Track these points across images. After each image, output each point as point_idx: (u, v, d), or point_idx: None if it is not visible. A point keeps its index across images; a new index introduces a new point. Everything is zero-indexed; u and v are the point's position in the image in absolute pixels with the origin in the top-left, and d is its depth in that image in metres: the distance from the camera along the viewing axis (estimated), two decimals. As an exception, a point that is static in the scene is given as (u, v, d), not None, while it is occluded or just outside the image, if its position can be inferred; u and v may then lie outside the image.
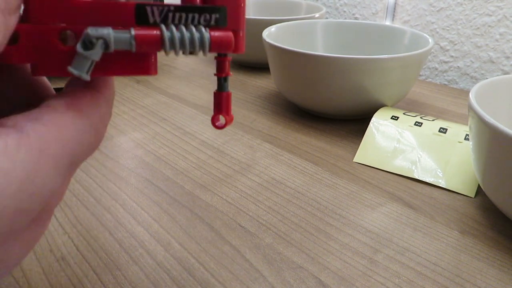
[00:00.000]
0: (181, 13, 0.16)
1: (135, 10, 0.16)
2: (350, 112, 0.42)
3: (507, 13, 0.55)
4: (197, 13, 0.17)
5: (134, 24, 0.16)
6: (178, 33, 0.16)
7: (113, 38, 0.15)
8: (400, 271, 0.24)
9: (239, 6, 0.17)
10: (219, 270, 0.24)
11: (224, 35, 0.17)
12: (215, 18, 0.17)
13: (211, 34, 0.17)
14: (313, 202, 0.30)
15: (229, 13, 0.17)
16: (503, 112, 0.32)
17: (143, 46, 0.16)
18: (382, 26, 0.51)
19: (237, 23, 0.18)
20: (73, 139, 0.13)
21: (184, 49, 0.16)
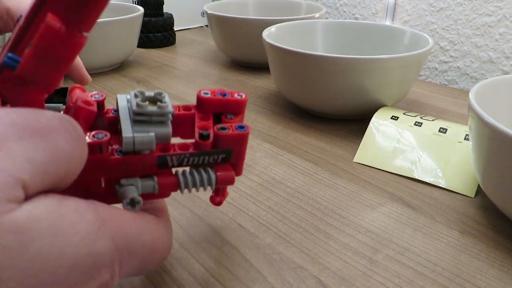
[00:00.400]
0: (195, 157, 0.20)
1: (157, 159, 0.20)
2: (350, 112, 0.42)
3: (507, 13, 0.55)
4: (208, 156, 0.21)
5: (155, 168, 0.20)
6: (191, 177, 0.20)
7: (140, 187, 0.20)
8: (400, 271, 0.24)
9: (243, 148, 0.21)
10: (219, 270, 0.24)
11: (228, 175, 0.21)
12: (222, 158, 0.21)
13: (217, 174, 0.21)
14: (313, 202, 0.30)
15: (234, 151, 0.21)
16: (503, 112, 0.32)
17: (164, 190, 0.20)
18: (382, 26, 0.51)
19: (239, 159, 0.22)
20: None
21: (195, 187, 0.21)
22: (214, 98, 0.22)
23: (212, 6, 0.67)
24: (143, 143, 0.19)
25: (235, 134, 0.20)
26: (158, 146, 0.20)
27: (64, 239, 0.13)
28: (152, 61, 0.66)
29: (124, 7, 0.65)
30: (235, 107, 0.22)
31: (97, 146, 0.18)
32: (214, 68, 0.63)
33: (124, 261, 0.16)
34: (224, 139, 0.20)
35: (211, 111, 0.22)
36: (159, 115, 0.20)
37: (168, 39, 0.75)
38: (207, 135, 0.20)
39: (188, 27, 0.91)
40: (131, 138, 0.19)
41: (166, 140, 0.20)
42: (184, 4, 0.87)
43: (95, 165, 0.19)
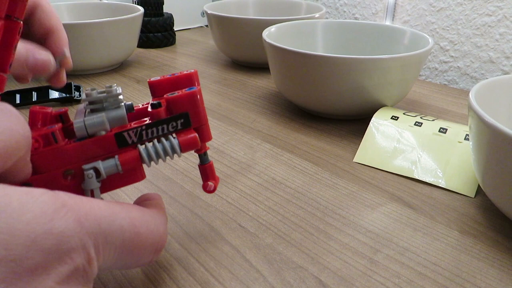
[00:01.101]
0: (152, 128, 0.20)
1: (115, 138, 0.20)
2: (350, 112, 0.42)
3: (507, 13, 0.55)
4: (165, 124, 0.20)
5: (117, 149, 0.20)
6: (153, 147, 0.20)
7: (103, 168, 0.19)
8: (400, 271, 0.24)
9: (198, 107, 0.21)
10: (219, 270, 0.24)
11: (190, 138, 0.20)
12: (181, 123, 0.21)
13: (179, 139, 0.20)
14: (313, 202, 0.30)
15: (191, 115, 0.20)
16: (503, 112, 0.32)
17: (127, 166, 0.20)
18: (382, 26, 0.51)
19: (199, 120, 0.21)
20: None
21: (161, 158, 0.20)
22: (162, 79, 0.22)
23: (212, 6, 0.67)
24: (95, 125, 0.19)
25: (185, 94, 0.20)
26: (116, 128, 0.20)
27: (10, 215, 0.13)
28: (152, 61, 0.66)
29: (124, 7, 0.65)
30: (185, 82, 0.22)
31: (50, 135, 0.19)
32: (214, 68, 0.63)
33: (101, 246, 0.16)
34: (175, 102, 0.20)
35: (164, 93, 0.22)
36: (107, 100, 0.20)
37: (168, 39, 0.75)
38: (158, 103, 0.20)
39: (188, 27, 0.91)
40: (81, 122, 0.19)
41: (122, 122, 0.20)
42: (184, 4, 0.87)
43: (54, 156, 0.19)
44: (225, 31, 0.60)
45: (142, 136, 0.20)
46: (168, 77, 0.22)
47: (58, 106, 0.47)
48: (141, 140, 0.20)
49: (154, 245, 0.19)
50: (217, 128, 0.42)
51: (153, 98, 0.22)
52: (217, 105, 0.48)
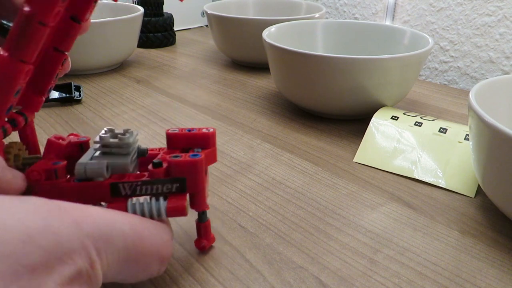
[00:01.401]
0: (147, 185, 0.20)
1: (110, 187, 0.20)
2: (350, 112, 0.42)
3: (507, 13, 0.55)
4: (161, 185, 0.21)
5: (110, 197, 0.20)
6: (140, 206, 0.20)
7: None
8: (400, 271, 0.24)
9: (197, 176, 0.21)
10: (219, 270, 0.24)
11: (178, 205, 0.20)
12: (176, 187, 0.21)
13: (168, 204, 0.20)
14: (313, 202, 0.30)
15: (189, 180, 0.21)
16: (503, 112, 0.32)
17: None
18: (382, 26, 0.51)
19: (196, 188, 0.21)
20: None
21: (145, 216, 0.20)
22: (180, 133, 0.23)
23: (212, 6, 0.67)
24: (93, 171, 0.20)
25: (186, 161, 0.20)
26: (115, 176, 0.21)
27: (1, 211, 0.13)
28: (152, 61, 0.66)
29: (124, 7, 0.65)
30: (202, 141, 0.23)
31: (52, 171, 0.20)
32: (214, 68, 0.63)
33: (102, 249, 0.16)
34: (175, 166, 0.20)
35: (179, 146, 0.23)
36: (117, 146, 0.21)
37: (168, 39, 0.75)
38: (159, 162, 0.21)
39: (188, 27, 0.91)
40: (83, 165, 0.20)
41: (124, 171, 0.21)
42: (184, 4, 0.87)
43: (50, 190, 0.20)
44: (225, 31, 0.60)
45: (136, 191, 0.21)
46: (186, 132, 0.23)
47: (58, 107, 0.47)
48: (134, 194, 0.21)
49: (160, 253, 0.19)
50: (217, 128, 0.42)
51: (167, 149, 0.23)
52: (217, 105, 0.48)
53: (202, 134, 0.23)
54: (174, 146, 0.23)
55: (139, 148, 0.23)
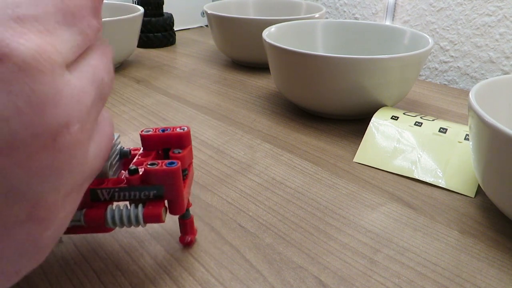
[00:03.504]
0: (125, 192, 0.21)
1: (89, 192, 0.20)
2: (350, 112, 0.42)
3: (507, 13, 0.55)
4: (138, 191, 0.21)
5: (89, 202, 0.21)
6: (119, 212, 0.20)
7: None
8: (400, 271, 0.24)
9: (174, 184, 0.21)
10: (219, 270, 0.24)
11: (154, 212, 0.21)
12: (153, 194, 0.21)
13: (144, 211, 0.20)
14: (313, 202, 0.30)
15: (166, 188, 0.21)
16: (503, 112, 0.32)
17: (91, 222, 0.20)
18: (382, 26, 0.51)
19: (173, 195, 0.21)
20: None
21: (123, 224, 0.21)
22: (154, 134, 0.23)
23: (212, 6, 0.67)
24: None
25: (161, 169, 0.20)
26: (95, 181, 0.21)
27: None
28: (152, 61, 0.66)
29: (124, 7, 0.65)
30: (177, 141, 0.23)
31: None
32: (214, 68, 0.63)
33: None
34: (152, 175, 0.20)
35: (154, 148, 0.23)
36: None
37: (168, 39, 0.75)
38: (135, 169, 0.21)
39: (188, 27, 0.91)
40: None
41: (103, 175, 0.21)
42: (184, 4, 0.87)
43: None
44: (225, 31, 0.60)
45: (114, 197, 0.21)
46: (159, 133, 0.23)
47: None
48: (113, 199, 0.21)
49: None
50: (217, 128, 0.42)
51: (143, 150, 0.23)
52: (217, 105, 0.48)
53: (176, 135, 0.23)
54: (149, 148, 0.23)
55: (121, 150, 0.23)
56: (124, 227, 0.21)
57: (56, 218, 0.14)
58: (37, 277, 0.23)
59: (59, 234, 0.15)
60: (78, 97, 0.14)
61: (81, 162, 0.14)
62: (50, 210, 0.14)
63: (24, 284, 0.23)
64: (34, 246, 0.14)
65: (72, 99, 0.13)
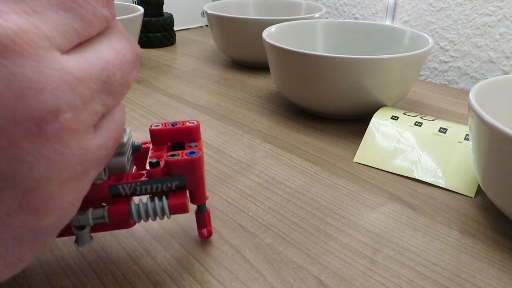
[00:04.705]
0: (147, 185, 0.20)
1: (109, 189, 0.20)
2: (350, 112, 0.42)
3: (507, 13, 0.55)
4: (160, 184, 0.21)
5: (110, 198, 0.20)
6: (144, 205, 0.20)
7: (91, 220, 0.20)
8: (400, 271, 0.24)
9: (196, 173, 0.21)
10: (219, 270, 0.24)
11: (180, 203, 0.21)
12: (176, 185, 0.21)
13: (169, 202, 0.20)
14: (313, 202, 0.30)
15: (188, 178, 0.21)
16: (503, 112, 0.32)
17: (115, 219, 0.20)
18: (382, 26, 0.51)
19: (195, 184, 0.21)
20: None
21: (148, 217, 0.21)
22: (164, 128, 0.23)
23: (212, 6, 0.67)
24: None
25: (184, 159, 0.20)
26: (113, 177, 0.21)
27: None
28: (152, 61, 0.66)
29: (124, 7, 0.65)
30: (187, 135, 0.23)
31: None
32: (214, 68, 0.63)
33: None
34: (174, 165, 0.20)
35: (164, 142, 0.23)
36: None
37: (168, 39, 0.75)
38: (156, 162, 0.21)
39: (188, 27, 0.91)
40: None
41: (122, 171, 0.21)
42: (184, 4, 0.87)
43: None
44: (225, 31, 0.60)
45: (136, 191, 0.20)
46: (169, 127, 0.23)
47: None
48: (134, 194, 0.21)
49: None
50: (217, 128, 0.42)
51: (153, 145, 0.23)
52: (217, 105, 0.48)
53: (186, 128, 0.23)
54: (158, 142, 0.23)
55: (133, 144, 0.23)
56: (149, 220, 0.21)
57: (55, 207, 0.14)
58: (37, 277, 0.23)
59: (62, 222, 0.15)
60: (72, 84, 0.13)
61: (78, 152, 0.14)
62: (44, 198, 0.13)
63: (24, 284, 0.23)
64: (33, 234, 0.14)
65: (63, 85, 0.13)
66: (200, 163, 0.21)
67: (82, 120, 0.14)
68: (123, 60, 0.16)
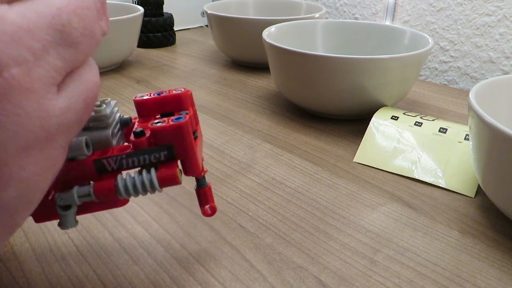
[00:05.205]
0: (133, 157, 0.19)
1: (94, 164, 0.19)
2: (350, 112, 0.42)
3: (507, 13, 0.55)
4: (147, 155, 0.19)
5: (96, 175, 0.19)
6: (131, 179, 0.19)
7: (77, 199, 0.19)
8: (400, 271, 0.24)
9: (185, 141, 0.19)
10: (219, 270, 0.24)
11: (169, 174, 0.19)
12: (164, 155, 0.19)
13: (158, 174, 0.19)
14: (313, 202, 0.30)
15: (177, 146, 0.19)
16: (503, 112, 0.32)
17: (102, 196, 0.19)
18: (382, 26, 0.51)
19: (186, 153, 0.19)
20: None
21: (138, 192, 0.19)
22: (149, 99, 0.21)
23: (212, 6, 0.67)
24: (73, 149, 0.18)
25: (170, 125, 0.18)
26: (98, 152, 0.19)
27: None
28: (152, 61, 0.66)
29: (124, 7, 0.65)
30: (175, 103, 0.21)
31: None
32: (214, 68, 0.63)
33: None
34: (159, 133, 0.19)
35: (151, 113, 0.21)
36: (94, 120, 0.19)
37: (168, 39, 0.75)
38: (141, 131, 0.19)
39: (188, 27, 0.91)
40: None
41: (107, 145, 0.19)
42: (184, 4, 0.87)
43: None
44: (225, 31, 0.60)
45: (122, 165, 0.19)
46: (155, 96, 0.21)
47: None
48: (121, 168, 0.19)
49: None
50: (217, 128, 0.42)
51: (139, 118, 0.21)
52: (217, 105, 0.48)
53: (174, 96, 0.21)
54: (144, 114, 0.21)
55: (121, 118, 0.21)
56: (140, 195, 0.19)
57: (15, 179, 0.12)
58: (37, 277, 0.23)
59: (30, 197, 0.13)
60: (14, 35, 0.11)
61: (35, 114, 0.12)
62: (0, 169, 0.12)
63: (24, 284, 0.23)
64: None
65: (3, 37, 0.11)
66: (188, 128, 0.19)
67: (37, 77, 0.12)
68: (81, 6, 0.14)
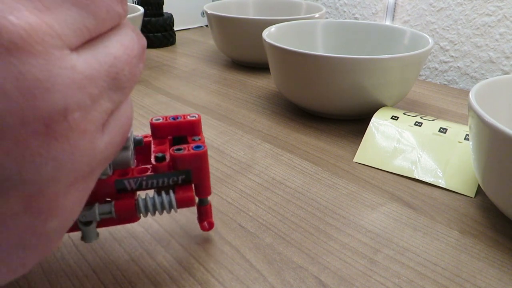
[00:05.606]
0: (153, 180, 0.21)
1: (115, 184, 0.20)
2: (350, 112, 0.42)
3: (507, 13, 0.55)
4: (166, 178, 0.21)
5: (116, 193, 0.20)
6: (151, 200, 0.20)
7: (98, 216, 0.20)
8: (400, 271, 0.24)
9: (202, 167, 0.21)
10: (219, 270, 0.24)
11: (187, 197, 0.21)
12: (182, 179, 0.21)
13: (177, 197, 0.21)
14: (313, 202, 0.30)
15: (194, 171, 0.21)
16: (503, 112, 0.32)
17: (122, 214, 0.20)
18: (382, 26, 0.51)
19: (201, 178, 0.22)
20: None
21: (155, 211, 0.21)
22: (165, 122, 0.23)
23: (212, 6, 0.67)
24: None
25: (190, 154, 0.21)
26: (118, 171, 0.21)
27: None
28: (152, 61, 0.66)
29: (124, 7, 0.65)
30: (188, 128, 0.23)
31: None
32: (214, 68, 0.63)
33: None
34: (180, 160, 0.21)
35: (165, 135, 0.23)
36: None
37: (168, 39, 0.75)
38: (162, 156, 0.21)
39: (188, 27, 0.91)
40: None
41: (126, 165, 0.21)
42: (184, 4, 0.87)
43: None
44: (225, 31, 0.60)
45: (141, 186, 0.21)
46: (170, 121, 0.23)
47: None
48: (140, 188, 0.21)
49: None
50: (217, 128, 0.42)
51: (154, 139, 0.23)
52: (217, 105, 0.48)
53: (188, 122, 0.23)
54: (159, 136, 0.23)
55: (135, 138, 0.23)
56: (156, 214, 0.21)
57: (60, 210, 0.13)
58: (37, 277, 0.23)
59: (67, 225, 0.14)
60: (81, 83, 0.12)
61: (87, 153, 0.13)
62: (50, 201, 0.13)
63: (24, 284, 0.23)
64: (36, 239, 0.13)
65: (72, 85, 0.12)
66: (206, 157, 0.21)
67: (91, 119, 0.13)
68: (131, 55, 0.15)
